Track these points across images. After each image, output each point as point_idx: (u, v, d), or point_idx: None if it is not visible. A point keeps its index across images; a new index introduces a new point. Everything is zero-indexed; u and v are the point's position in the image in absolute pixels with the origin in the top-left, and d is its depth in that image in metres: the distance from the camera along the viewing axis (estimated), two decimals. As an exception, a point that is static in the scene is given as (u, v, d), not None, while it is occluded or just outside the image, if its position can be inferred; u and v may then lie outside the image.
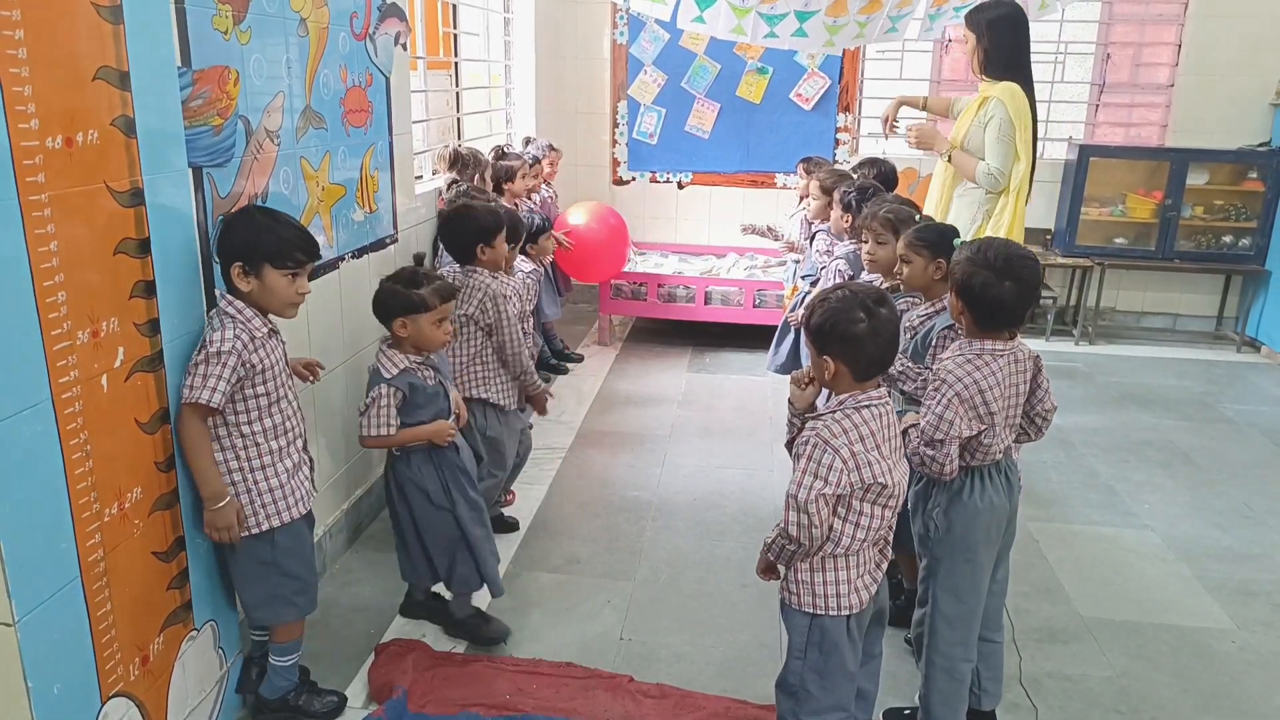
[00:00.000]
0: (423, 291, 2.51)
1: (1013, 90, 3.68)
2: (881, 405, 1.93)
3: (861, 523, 1.92)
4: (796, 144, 6.19)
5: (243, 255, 2.11)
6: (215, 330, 2.09)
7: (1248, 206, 6.08)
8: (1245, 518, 3.72)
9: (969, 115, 3.86)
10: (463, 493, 2.67)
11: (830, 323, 1.90)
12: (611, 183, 6.66)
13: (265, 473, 2.23)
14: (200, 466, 2.13)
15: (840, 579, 1.95)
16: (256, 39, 2.43)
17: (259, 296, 2.16)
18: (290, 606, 2.35)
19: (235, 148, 2.35)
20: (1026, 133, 3.68)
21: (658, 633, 2.86)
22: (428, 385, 2.59)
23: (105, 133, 1.81)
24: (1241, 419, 4.85)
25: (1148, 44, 6.20)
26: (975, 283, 2.09)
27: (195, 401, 2.06)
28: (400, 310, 2.50)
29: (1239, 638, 2.91)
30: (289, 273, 2.16)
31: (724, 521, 3.59)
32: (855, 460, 1.86)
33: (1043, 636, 2.89)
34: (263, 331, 2.18)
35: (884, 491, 1.90)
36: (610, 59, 6.40)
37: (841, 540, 1.92)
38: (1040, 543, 3.43)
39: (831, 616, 1.97)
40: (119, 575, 1.92)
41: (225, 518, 2.16)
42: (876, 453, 1.89)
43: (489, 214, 3.11)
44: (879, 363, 1.93)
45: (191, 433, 2.11)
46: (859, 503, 1.90)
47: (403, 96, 3.51)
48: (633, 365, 5.50)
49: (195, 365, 2.07)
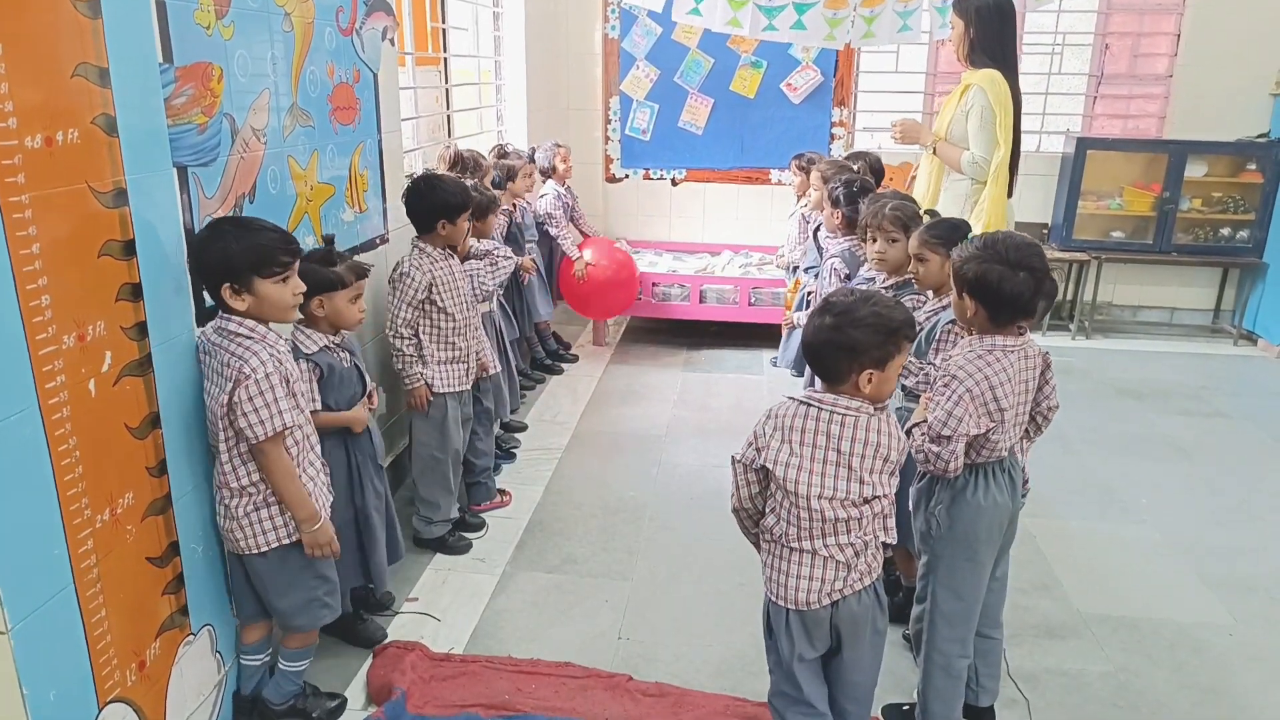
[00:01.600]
0: (339, 269, 2.49)
1: (993, 77, 3.70)
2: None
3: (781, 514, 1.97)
4: (791, 139, 6.17)
5: (227, 274, 2.06)
6: (246, 359, 2.05)
7: (1246, 199, 6.06)
8: (1243, 512, 3.70)
9: (951, 105, 3.89)
10: (370, 480, 2.66)
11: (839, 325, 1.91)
12: (604, 180, 6.63)
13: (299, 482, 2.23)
14: (294, 492, 2.17)
15: (789, 570, 1.98)
16: (240, 34, 2.39)
17: (257, 310, 2.11)
18: (326, 609, 2.36)
19: (220, 146, 2.32)
20: (1007, 119, 3.70)
21: (655, 632, 2.84)
22: (343, 366, 2.56)
23: (86, 131, 1.79)
24: (1239, 413, 4.84)
25: (1146, 34, 6.17)
26: (992, 277, 2.06)
27: (276, 431, 2.07)
28: (317, 288, 2.43)
29: (1236, 632, 2.90)
30: (279, 278, 2.11)
31: (721, 521, 3.53)
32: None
33: (1040, 632, 2.87)
34: (282, 343, 2.16)
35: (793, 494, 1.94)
36: (602, 54, 6.37)
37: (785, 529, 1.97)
38: (1038, 539, 3.41)
39: (774, 604, 2.03)
40: (112, 581, 1.90)
41: (325, 534, 2.23)
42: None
43: (459, 190, 3.12)
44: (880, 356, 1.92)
45: (281, 463, 2.13)
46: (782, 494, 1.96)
47: (391, 93, 3.48)
48: (628, 365, 5.47)
49: (250, 399, 2.04)
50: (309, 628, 2.36)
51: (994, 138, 3.69)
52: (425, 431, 3.23)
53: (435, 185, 3.10)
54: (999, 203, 3.75)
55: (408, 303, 3.07)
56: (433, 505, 3.25)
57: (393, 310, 3.09)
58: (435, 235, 3.11)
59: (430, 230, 3.11)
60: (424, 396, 3.17)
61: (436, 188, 3.09)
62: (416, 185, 3.13)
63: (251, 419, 2.05)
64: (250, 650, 2.40)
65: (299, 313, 2.36)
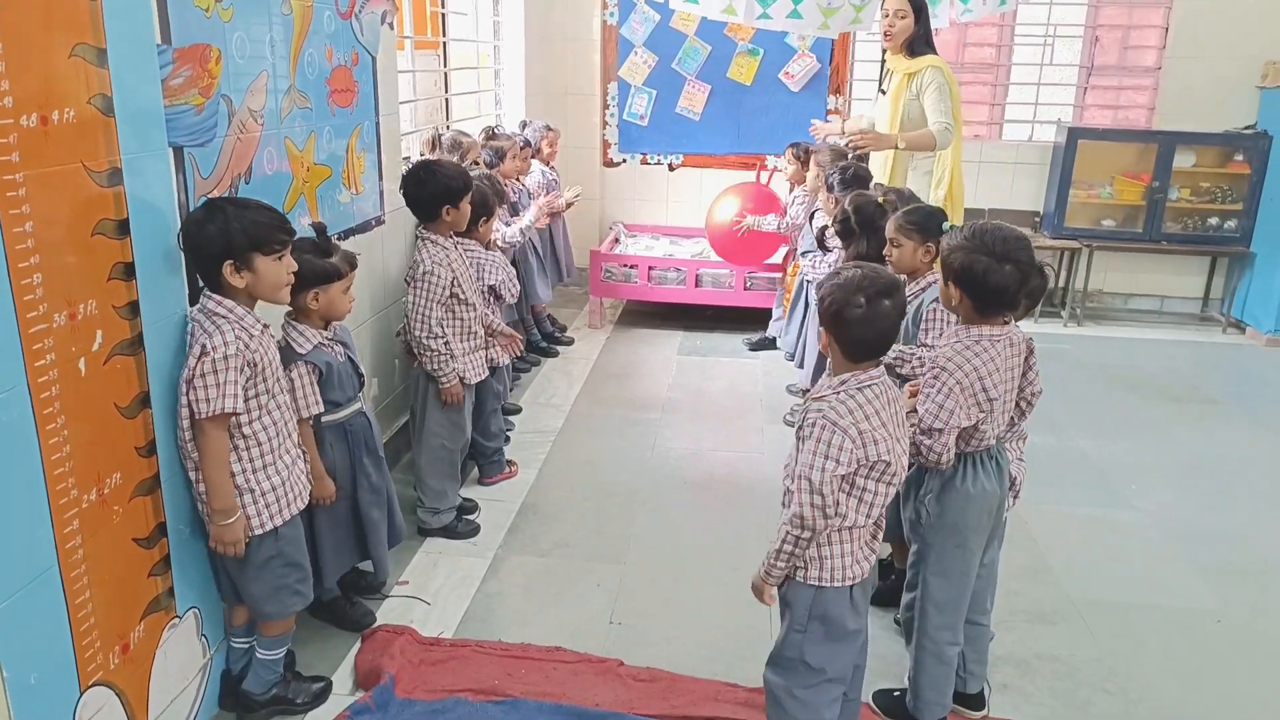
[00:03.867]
0: (335, 260, 2.45)
1: (940, 61, 4.14)
2: (881, 384, 1.94)
3: (865, 498, 1.93)
4: (788, 126, 6.15)
5: (229, 251, 2.04)
6: (211, 334, 2.03)
7: (1234, 189, 6.09)
8: (1232, 499, 3.73)
9: (899, 96, 4.16)
10: (366, 475, 2.64)
11: (830, 299, 1.92)
12: (602, 164, 6.62)
13: (267, 471, 2.21)
14: (218, 480, 2.10)
15: (843, 552, 1.96)
16: (239, 16, 2.38)
17: (253, 289, 2.10)
18: (297, 596, 2.34)
19: (217, 127, 2.31)
20: (958, 94, 4.14)
21: (647, 616, 2.85)
22: (339, 361, 2.54)
23: (82, 111, 1.78)
24: (1228, 400, 4.87)
25: (1135, 26, 6.18)
26: (978, 269, 2.06)
27: (218, 412, 2.03)
28: (314, 280, 2.40)
29: (1225, 617, 2.92)
30: (277, 255, 2.11)
31: (714, 504, 3.58)
32: (863, 439, 1.87)
33: (1032, 617, 2.89)
34: (258, 328, 2.14)
35: (887, 469, 1.91)
36: (600, 40, 6.35)
37: (848, 517, 1.93)
38: (1030, 524, 3.44)
39: (835, 588, 1.98)
40: (98, 562, 1.90)
41: (234, 533, 2.14)
42: (883, 430, 1.90)
43: (458, 173, 3.08)
44: (869, 350, 1.93)
45: (216, 445, 2.07)
46: (864, 480, 1.91)
47: (389, 76, 3.47)
48: (623, 348, 5.47)
49: (202, 375, 2.01)
50: (279, 616, 2.33)
51: (947, 103, 4.05)
52: (440, 423, 3.20)
53: (434, 171, 3.07)
54: (959, 172, 4.19)
55: (437, 301, 3.04)
56: (439, 494, 3.24)
57: (420, 311, 3.03)
58: (440, 222, 3.07)
59: (435, 218, 3.07)
60: (459, 393, 3.16)
61: (436, 173, 3.05)
62: (415, 173, 3.09)
63: (199, 394, 2.01)
64: (240, 633, 2.39)
65: (290, 305, 2.37)
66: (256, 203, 2.14)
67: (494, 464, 3.66)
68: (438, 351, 3.07)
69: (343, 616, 2.75)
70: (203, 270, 2.10)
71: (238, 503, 2.14)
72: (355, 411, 2.63)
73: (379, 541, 2.72)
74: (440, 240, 3.08)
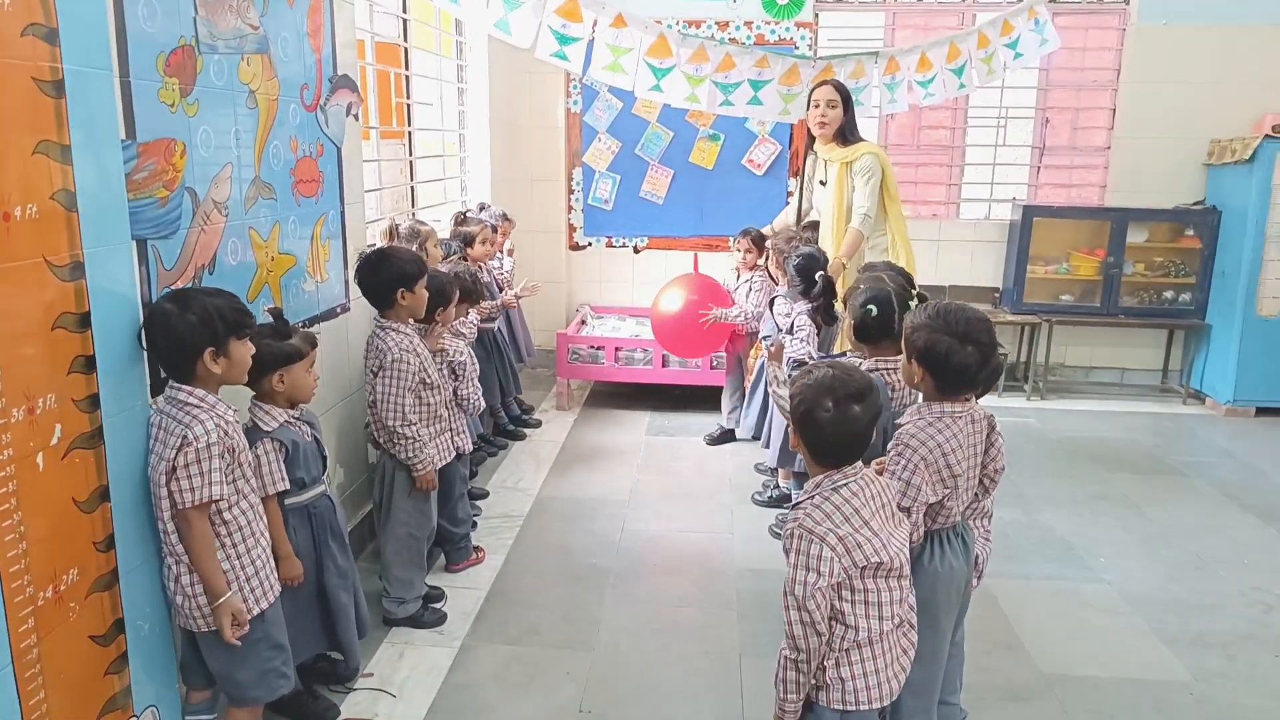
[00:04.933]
0: (295, 341, 2.48)
1: (875, 146, 4.43)
2: (860, 480, 1.91)
3: (871, 599, 1.88)
4: (750, 208, 6.28)
5: (209, 339, 2.06)
6: (191, 425, 2.04)
7: (1186, 263, 6.27)
8: (1197, 569, 3.76)
9: (840, 185, 4.38)
10: (332, 558, 2.62)
11: (800, 399, 1.91)
12: (568, 248, 6.71)
13: (251, 555, 2.21)
14: (210, 568, 2.10)
15: (866, 671, 1.89)
16: (205, 110, 2.43)
17: (227, 374, 2.13)
18: (282, 679, 2.31)
19: (181, 219, 2.33)
20: (893, 176, 4.41)
21: (619, 704, 2.80)
22: (305, 440, 2.54)
23: (45, 206, 1.79)
24: (1190, 470, 4.93)
25: (1084, 108, 6.43)
26: (940, 349, 2.09)
27: (203, 501, 2.04)
28: (276, 364, 2.42)
29: (1196, 689, 2.92)
30: (245, 337, 2.16)
31: (685, 587, 3.55)
32: (844, 544, 1.83)
33: (1005, 695, 2.87)
34: (230, 414, 2.15)
35: (881, 567, 1.87)
36: (565, 126, 6.50)
37: (859, 627, 1.87)
38: (1000, 599, 3.43)
39: (863, 711, 1.90)
40: (54, 662, 1.85)
41: (235, 604, 2.14)
42: (866, 529, 1.87)
43: (411, 259, 3.09)
44: (841, 453, 1.91)
45: (202, 534, 2.08)
46: (861, 582, 1.87)
47: (354, 166, 3.52)
48: (591, 429, 5.47)
49: (186, 466, 2.02)
50: (264, 700, 2.30)
51: (877, 194, 4.31)
52: (408, 511, 3.16)
53: (387, 256, 3.08)
54: (907, 241, 4.43)
55: (409, 389, 3.02)
56: (405, 584, 3.19)
57: (392, 400, 3.00)
58: (398, 308, 3.05)
59: (390, 305, 3.05)
60: (434, 480, 3.16)
61: (390, 258, 3.06)
62: (369, 259, 3.09)
63: (184, 484, 2.03)
64: (196, 710, 2.34)
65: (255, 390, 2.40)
66: (215, 290, 2.20)
67: (460, 550, 3.61)
68: (412, 439, 3.05)
69: (305, 711, 2.67)
70: (175, 361, 2.10)
71: (226, 587, 2.14)
72: (319, 494, 2.61)
73: (348, 626, 2.67)
74: (401, 328, 3.08)
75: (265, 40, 2.76)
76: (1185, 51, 6.10)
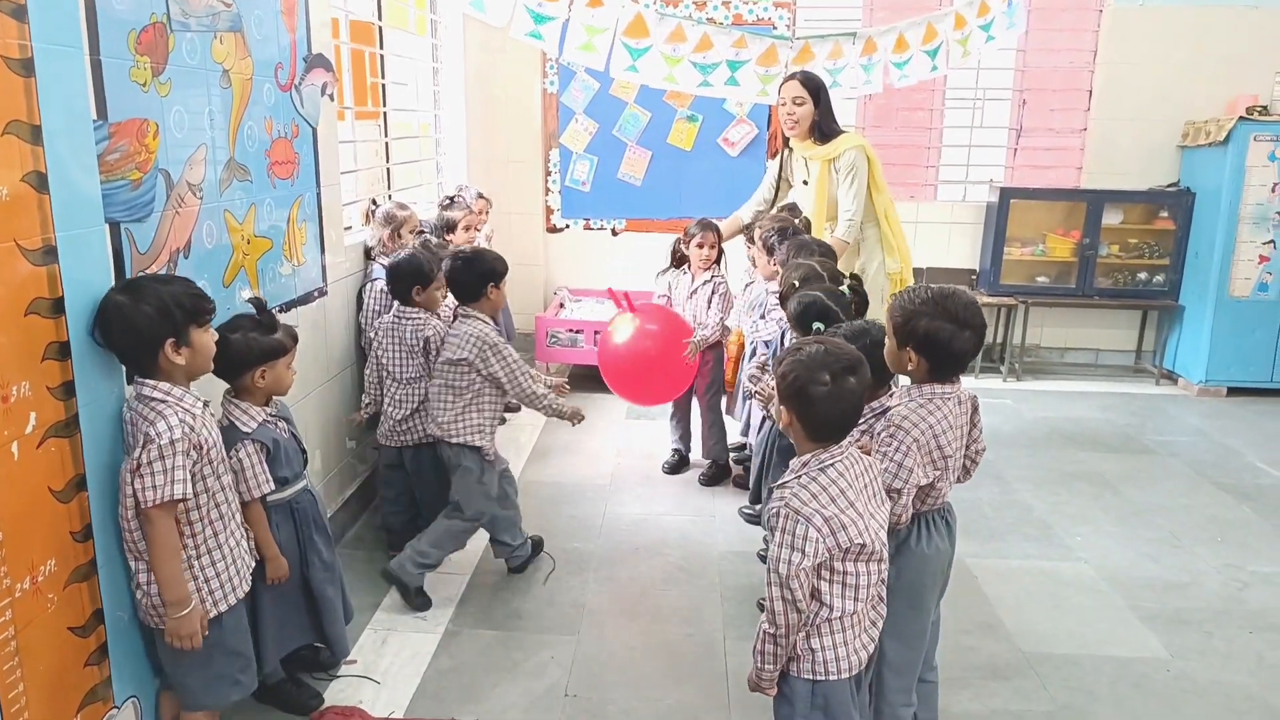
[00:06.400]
0: (279, 336, 2.41)
1: (860, 139, 4.20)
2: (847, 459, 1.90)
3: (849, 583, 1.88)
4: (728, 190, 6.24)
5: (169, 329, 1.99)
6: (154, 422, 1.96)
7: (1160, 244, 6.33)
8: (1173, 547, 3.81)
9: (823, 185, 4.18)
10: (317, 553, 2.59)
11: (794, 375, 1.88)
12: (545, 230, 6.66)
13: (212, 556, 2.14)
14: (171, 571, 2.01)
15: (836, 643, 1.91)
16: (177, 90, 2.37)
17: (191, 365, 2.06)
18: (236, 686, 2.25)
19: (155, 202, 2.28)
20: (879, 168, 4.21)
21: (603, 687, 2.80)
22: (284, 438, 2.49)
23: (15, 189, 1.75)
24: (1164, 449, 4.99)
25: (1061, 90, 6.45)
26: (943, 336, 2.07)
27: (166, 500, 1.95)
28: (261, 358, 2.36)
29: (1174, 666, 2.96)
30: (206, 325, 2.09)
31: (667, 569, 3.55)
32: (829, 525, 1.82)
33: (986, 674, 2.90)
34: (198, 407, 2.07)
35: (864, 550, 1.87)
36: (541, 108, 6.43)
37: (834, 606, 1.88)
38: (979, 579, 3.46)
39: (833, 681, 1.92)
40: (32, 654, 1.82)
41: (190, 624, 2.05)
42: (852, 510, 1.86)
43: (496, 258, 3.26)
44: (834, 428, 1.90)
45: (165, 534, 1.99)
46: (842, 565, 1.87)
47: (330, 147, 3.47)
48: (571, 413, 5.44)
49: (149, 463, 1.94)
50: (216, 707, 2.25)
51: (863, 196, 4.14)
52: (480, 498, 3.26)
53: (481, 254, 3.25)
54: (900, 233, 4.28)
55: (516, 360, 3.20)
56: (427, 556, 3.20)
57: (517, 371, 3.16)
58: (483, 301, 3.20)
59: (479, 297, 3.19)
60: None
61: (482, 256, 3.24)
62: (463, 257, 3.23)
63: (146, 482, 1.94)
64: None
65: (231, 384, 2.36)
66: (168, 276, 2.14)
67: None
68: (545, 394, 3.27)
69: (288, 699, 2.64)
70: (135, 355, 2.02)
71: (192, 593, 2.07)
72: (301, 489, 2.57)
73: (334, 620, 2.65)
74: (484, 317, 3.20)
75: (239, 18, 2.70)
76: (1161, 33, 6.14)
